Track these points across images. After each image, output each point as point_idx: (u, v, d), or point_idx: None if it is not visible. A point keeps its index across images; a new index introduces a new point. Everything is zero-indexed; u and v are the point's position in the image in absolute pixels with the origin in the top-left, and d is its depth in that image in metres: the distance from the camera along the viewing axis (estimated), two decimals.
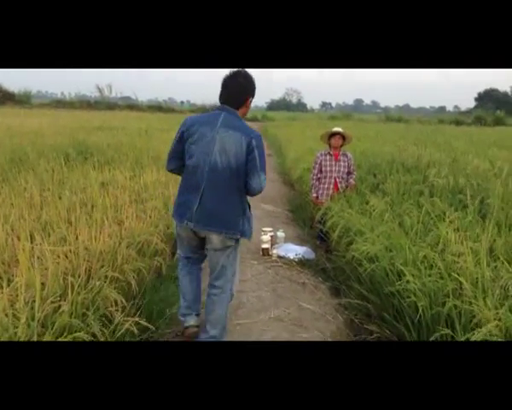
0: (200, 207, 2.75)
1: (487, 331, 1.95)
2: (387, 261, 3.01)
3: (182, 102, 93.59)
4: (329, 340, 3.07)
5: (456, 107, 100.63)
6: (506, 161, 6.79)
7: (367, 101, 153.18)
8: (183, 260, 3.11)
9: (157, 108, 45.59)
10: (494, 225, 3.48)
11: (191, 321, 3.09)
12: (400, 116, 42.33)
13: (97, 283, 2.53)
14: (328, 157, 5.47)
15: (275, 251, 4.74)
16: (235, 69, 2.86)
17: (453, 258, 2.83)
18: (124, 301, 2.55)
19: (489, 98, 64.13)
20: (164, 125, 18.35)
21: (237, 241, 2.89)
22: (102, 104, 43.79)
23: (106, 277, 2.73)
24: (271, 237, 4.93)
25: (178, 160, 2.94)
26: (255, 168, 2.73)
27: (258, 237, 5.24)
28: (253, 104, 3.02)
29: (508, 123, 38.59)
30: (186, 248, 3.04)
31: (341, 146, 5.53)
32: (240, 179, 2.76)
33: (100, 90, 49.57)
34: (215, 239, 2.80)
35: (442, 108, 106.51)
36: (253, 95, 2.93)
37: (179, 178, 3.00)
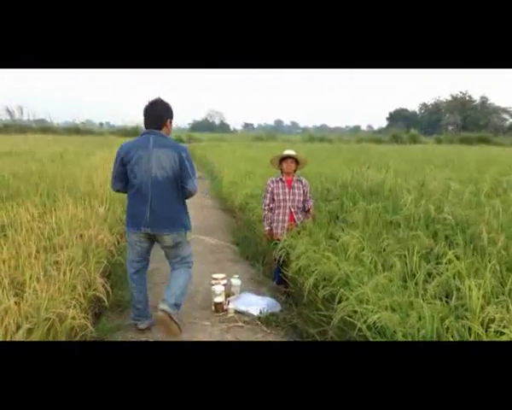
0: (152, 215, 3.36)
1: None
2: (402, 334, 2.22)
3: (101, 124, 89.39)
4: None
5: (369, 126, 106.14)
6: (459, 182, 6.46)
7: (286, 121, 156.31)
8: (131, 272, 3.57)
9: (74, 130, 42.67)
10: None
11: (142, 326, 3.58)
12: (322, 136, 43.31)
13: None
14: (280, 184, 4.70)
15: (231, 305, 3.80)
16: (153, 99, 3.50)
17: (494, 331, 2.10)
18: None
19: (399, 117, 68.17)
20: (82, 148, 16.68)
21: (185, 234, 3.54)
22: (13, 127, 40.08)
23: None
24: (225, 286, 4.00)
25: (122, 181, 3.48)
26: (188, 175, 3.37)
27: (207, 287, 4.30)
28: (175, 125, 3.73)
29: (421, 141, 40.86)
30: (136, 254, 3.53)
31: (295, 171, 4.79)
32: (177, 186, 3.40)
33: (10, 112, 45.56)
34: (168, 239, 3.45)
35: (357, 128, 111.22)
36: (171, 117, 3.52)
37: (101, 213, 4.57)
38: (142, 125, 3.51)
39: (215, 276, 4.09)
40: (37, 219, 4.43)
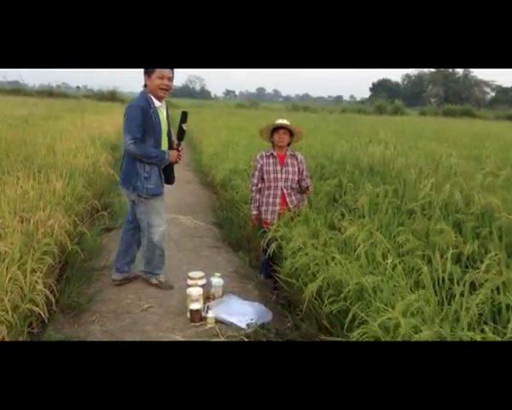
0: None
1: None
2: None
3: (78, 88, 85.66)
4: None
5: (352, 96, 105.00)
6: (463, 160, 5.81)
7: (269, 90, 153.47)
8: (123, 225, 3.80)
9: (48, 93, 40.47)
10: None
11: (114, 276, 3.70)
12: (306, 105, 42.19)
13: None
14: (271, 160, 3.95)
15: (211, 313, 3.05)
16: None
17: None
18: None
19: (382, 88, 67.33)
20: (51, 112, 15.45)
21: (139, 196, 3.46)
22: None
23: None
24: (203, 287, 3.27)
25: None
26: (124, 132, 3.40)
27: (182, 284, 3.58)
28: None
29: (405, 112, 40.25)
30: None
31: (289, 144, 4.04)
32: None
33: None
34: (124, 194, 3.76)
35: (339, 98, 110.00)
36: (146, 73, 3.36)
37: (59, 190, 4.26)
38: (119, 90, 3.22)
39: (191, 274, 3.34)
40: None
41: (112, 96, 37.99)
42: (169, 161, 3.49)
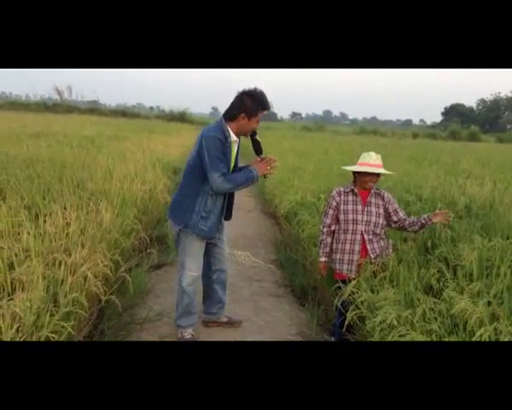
0: None
1: None
2: None
3: (151, 108, 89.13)
4: None
5: (422, 120, 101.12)
6: None
7: (335, 112, 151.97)
8: None
9: (121, 113, 42.08)
10: None
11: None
12: (375, 129, 40.65)
13: None
14: (350, 198, 3.20)
15: None
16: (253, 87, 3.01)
17: None
18: None
19: (455, 113, 64.10)
20: (120, 132, 15.57)
21: (183, 231, 3.09)
22: (61, 107, 39.98)
23: None
24: None
25: None
26: (206, 168, 2.94)
27: None
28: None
29: (481, 139, 37.53)
30: None
31: (374, 182, 3.26)
32: (195, 175, 3.03)
33: (59, 92, 45.75)
34: (169, 225, 3.37)
35: (408, 122, 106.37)
36: (247, 113, 2.96)
37: (106, 221, 3.80)
38: (188, 111, 2.45)
39: None
40: (5, 233, 3.15)
41: (181, 117, 38.85)
42: (258, 175, 3.03)
